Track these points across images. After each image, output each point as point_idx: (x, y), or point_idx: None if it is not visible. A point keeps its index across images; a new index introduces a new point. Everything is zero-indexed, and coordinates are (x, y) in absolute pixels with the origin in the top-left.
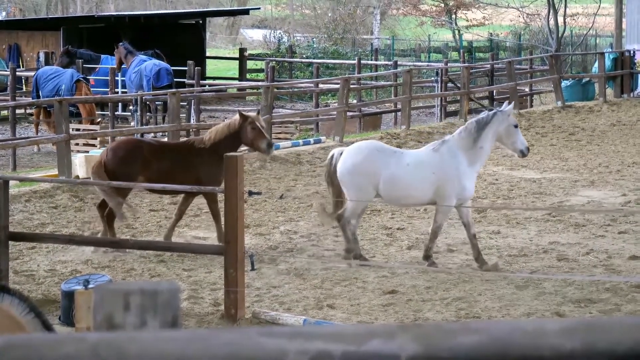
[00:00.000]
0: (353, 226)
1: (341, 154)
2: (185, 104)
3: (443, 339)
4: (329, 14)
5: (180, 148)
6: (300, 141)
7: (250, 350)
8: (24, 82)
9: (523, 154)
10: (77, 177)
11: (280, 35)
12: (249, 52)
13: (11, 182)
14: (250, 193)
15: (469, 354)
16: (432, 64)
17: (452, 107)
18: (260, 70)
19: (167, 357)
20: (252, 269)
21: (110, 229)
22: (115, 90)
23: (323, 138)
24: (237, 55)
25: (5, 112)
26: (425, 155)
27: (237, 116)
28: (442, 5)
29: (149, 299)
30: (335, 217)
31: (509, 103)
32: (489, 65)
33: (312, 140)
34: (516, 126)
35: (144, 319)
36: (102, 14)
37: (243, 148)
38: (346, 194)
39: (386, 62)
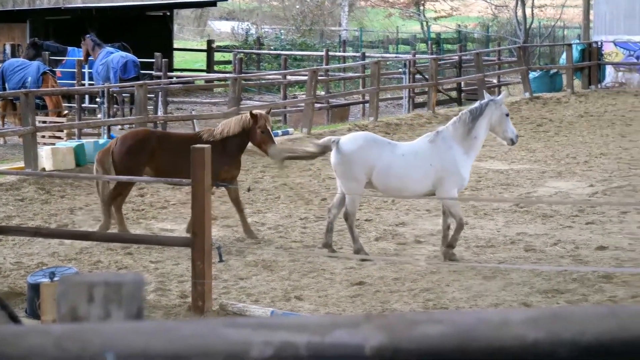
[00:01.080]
0: (333, 215)
1: (337, 143)
2: (153, 96)
3: (407, 329)
4: (297, 6)
5: (188, 140)
6: None
7: (215, 341)
8: None
9: (513, 142)
10: (44, 169)
11: (248, 27)
12: (216, 44)
13: None
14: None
15: (434, 344)
16: (400, 55)
17: (420, 99)
18: (228, 62)
19: (132, 349)
20: (220, 260)
21: (118, 213)
22: (82, 82)
23: (291, 130)
24: (204, 47)
25: None
26: (421, 147)
27: (247, 114)
28: None
29: (113, 290)
30: (343, 215)
31: (499, 93)
32: (457, 57)
33: (280, 132)
34: (507, 115)
35: (108, 311)
36: (69, 5)
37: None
38: (341, 185)
39: (354, 54)
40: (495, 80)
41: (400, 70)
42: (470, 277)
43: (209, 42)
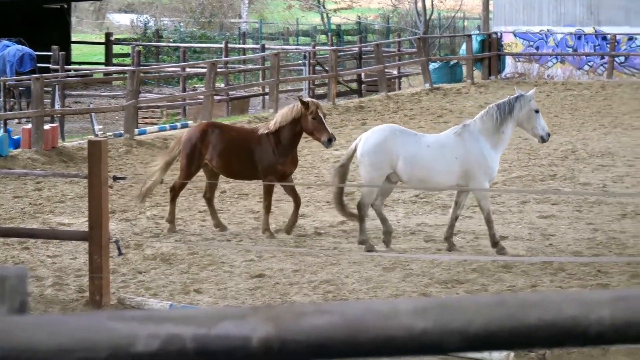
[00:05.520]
0: (378, 207)
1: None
2: (50, 89)
3: (295, 320)
4: None
5: (245, 133)
6: (167, 126)
7: (100, 335)
8: None
9: (543, 139)
10: None
11: (147, 20)
12: (115, 36)
13: None
14: (115, 178)
15: (322, 335)
16: (300, 47)
17: (320, 90)
18: (127, 55)
19: (14, 344)
20: (120, 253)
21: (211, 210)
22: None
23: (190, 122)
24: (103, 40)
25: None
26: (447, 139)
27: (297, 103)
28: None
29: None
30: (357, 204)
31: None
32: (357, 48)
33: (179, 124)
34: (537, 111)
35: None
36: None
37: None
38: (361, 176)
39: (254, 46)
40: (395, 72)
41: (300, 62)
42: (370, 269)
43: (107, 35)
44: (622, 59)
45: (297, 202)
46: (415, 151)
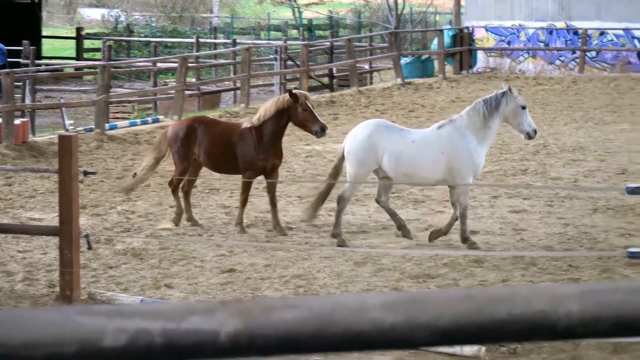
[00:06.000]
0: (384, 202)
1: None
2: (21, 84)
3: (263, 314)
4: None
5: (229, 128)
6: (138, 120)
7: (67, 330)
8: None
9: (529, 136)
10: None
11: (118, 14)
12: (86, 31)
13: None
14: (86, 173)
15: (290, 329)
16: (272, 42)
17: (291, 85)
18: (98, 50)
19: None
20: (89, 247)
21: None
22: None
23: (161, 117)
24: (74, 34)
25: None
26: (432, 135)
27: (285, 95)
28: None
29: None
30: (337, 198)
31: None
32: (328, 43)
33: (150, 119)
34: (524, 107)
35: None
36: None
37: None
38: (347, 171)
39: (225, 41)
40: (366, 66)
41: (272, 56)
42: (341, 263)
43: (78, 30)
44: (593, 53)
45: (272, 202)
46: (400, 147)
